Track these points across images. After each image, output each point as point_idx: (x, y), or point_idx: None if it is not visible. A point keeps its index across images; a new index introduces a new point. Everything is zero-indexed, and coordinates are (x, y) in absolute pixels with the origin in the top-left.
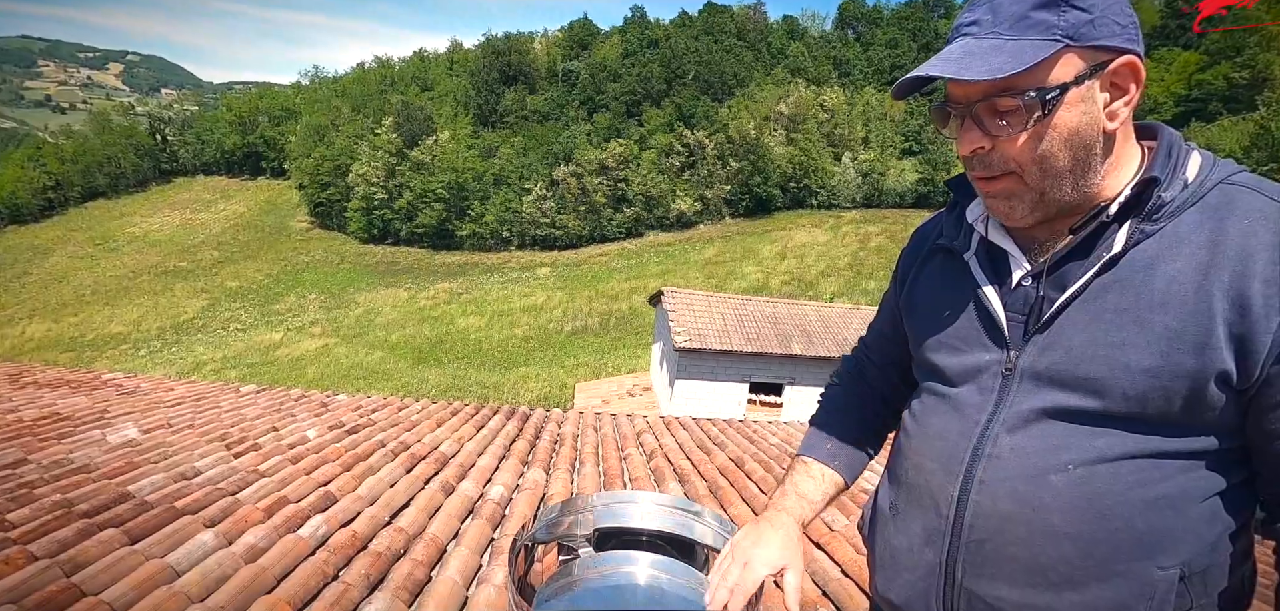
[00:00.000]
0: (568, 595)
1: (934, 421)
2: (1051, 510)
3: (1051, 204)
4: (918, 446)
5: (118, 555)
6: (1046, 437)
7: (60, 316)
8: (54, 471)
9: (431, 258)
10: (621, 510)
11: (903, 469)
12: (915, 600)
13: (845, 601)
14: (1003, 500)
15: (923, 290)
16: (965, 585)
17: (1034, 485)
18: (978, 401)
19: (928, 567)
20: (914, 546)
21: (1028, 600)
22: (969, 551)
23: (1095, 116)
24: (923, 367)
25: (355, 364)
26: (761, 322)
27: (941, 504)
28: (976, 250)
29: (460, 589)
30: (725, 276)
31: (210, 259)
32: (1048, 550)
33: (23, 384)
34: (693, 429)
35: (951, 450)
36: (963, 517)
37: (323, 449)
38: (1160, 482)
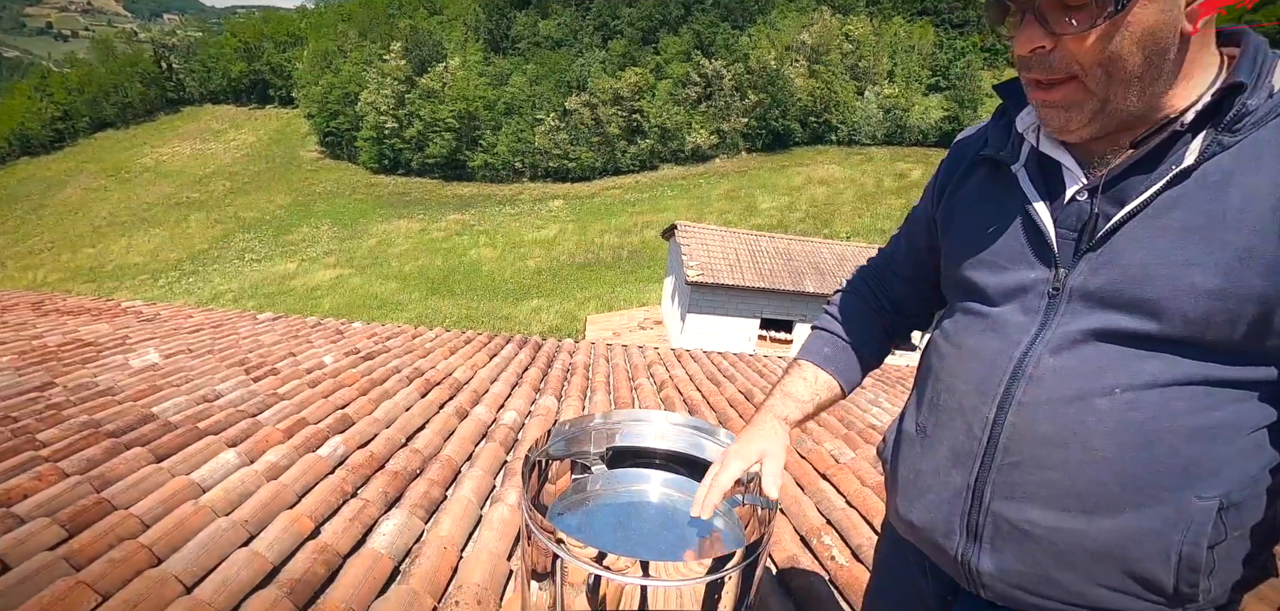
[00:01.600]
0: (581, 511)
1: (971, 341)
2: (1093, 434)
3: (1113, 114)
4: (951, 367)
5: (144, 472)
6: (1093, 360)
7: (78, 248)
8: (80, 394)
9: (443, 188)
10: (636, 429)
11: (933, 391)
12: (938, 522)
13: (850, 531)
14: (1042, 423)
15: (963, 204)
16: (993, 508)
17: (1077, 408)
18: (1020, 322)
19: (954, 489)
20: (940, 468)
21: (1058, 524)
22: (1000, 474)
23: (1175, 16)
24: (959, 287)
25: (370, 294)
26: (775, 258)
27: (975, 425)
28: (1026, 162)
29: (474, 507)
30: (740, 212)
31: (222, 189)
32: (1085, 475)
33: (46, 311)
34: (703, 361)
35: (989, 371)
36: (996, 439)
37: (339, 374)
38: (1209, 411)
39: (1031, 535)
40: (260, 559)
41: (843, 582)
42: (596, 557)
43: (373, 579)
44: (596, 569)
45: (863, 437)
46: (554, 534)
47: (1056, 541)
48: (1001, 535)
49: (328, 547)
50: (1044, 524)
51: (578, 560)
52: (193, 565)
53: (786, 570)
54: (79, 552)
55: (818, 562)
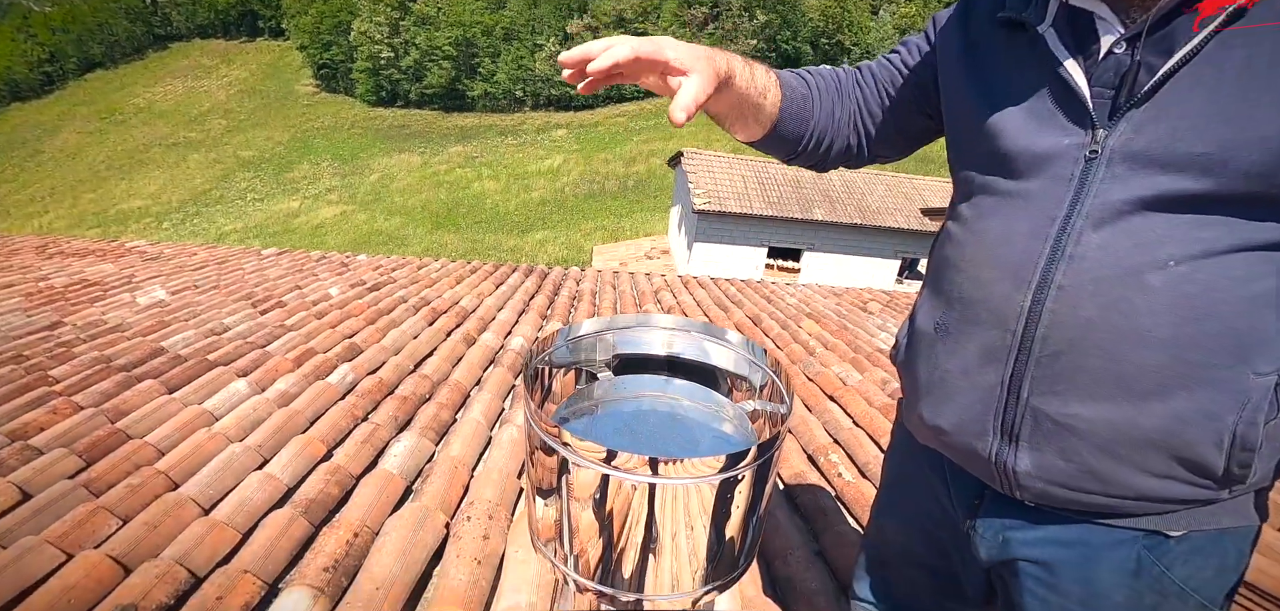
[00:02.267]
0: (587, 418)
1: (995, 224)
2: (1143, 314)
3: None
4: (973, 255)
5: (157, 403)
6: (1143, 232)
7: (79, 194)
8: (90, 331)
9: (443, 120)
10: (644, 335)
11: (953, 282)
12: (970, 424)
13: (856, 449)
14: (1085, 305)
15: (977, 71)
16: (1032, 404)
17: (1126, 287)
18: (1053, 194)
19: (986, 389)
20: (970, 366)
21: (1105, 416)
22: (1040, 367)
23: None
24: (976, 162)
25: (374, 230)
26: (783, 186)
27: (1008, 317)
28: (1055, 18)
29: (484, 429)
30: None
31: (219, 128)
32: (1135, 358)
33: (50, 254)
34: (710, 287)
35: (1021, 254)
36: (1033, 330)
37: (346, 305)
38: (1268, 277)
39: (1074, 429)
40: (275, 481)
41: (849, 498)
42: (604, 458)
43: (386, 497)
44: (603, 468)
45: (871, 361)
46: (559, 435)
47: (1101, 433)
48: (1041, 432)
49: (340, 469)
50: (1088, 416)
51: (584, 460)
52: (209, 488)
53: (794, 486)
54: (97, 480)
55: (825, 479)
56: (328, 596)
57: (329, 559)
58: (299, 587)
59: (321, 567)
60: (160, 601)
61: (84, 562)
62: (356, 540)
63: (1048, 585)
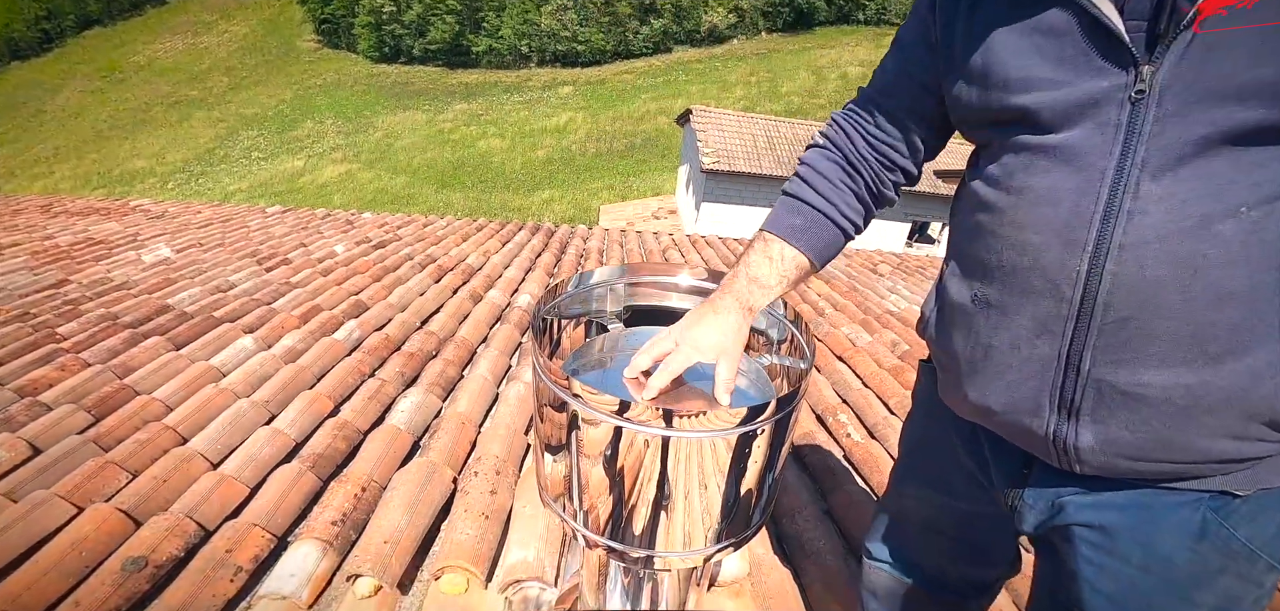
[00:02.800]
0: (598, 371)
1: (1036, 182)
2: (1217, 266)
3: None
4: (1016, 218)
5: (164, 359)
6: (1209, 177)
7: (83, 154)
8: (96, 289)
9: (447, 76)
10: (657, 288)
11: (992, 250)
12: (1022, 401)
13: (865, 410)
14: (1151, 265)
15: (988, 17)
16: (1094, 375)
17: (1196, 239)
18: (1099, 144)
19: (1041, 362)
20: (1021, 340)
21: (1179, 381)
22: (1103, 335)
23: None
24: (1001, 120)
25: (380, 189)
26: (794, 146)
27: (1063, 284)
28: None
29: (491, 386)
30: (759, 97)
31: (222, 86)
32: (1211, 317)
33: (54, 213)
34: (719, 247)
35: (1070, 215)
36: (1093, 296)
37: (352, 262)
38: None
39: (1145, 399)
40: (283, 436)
41: (857, 459)
42: (616, 410)
43: (394, 452)
44: (615, 420)
45: (880, 323)
46: (569, 386)
47: (1176, 399)
48: (1105, 404)
49: (348, 425)
50: (1161, 382)
51: (596, 412)
52: (217, 443)
53: (802, 446)
54: (107, 435)
55: (833, 440)
56: (336, 549)
57: (337, 512)
58: (308, 540)
59: (330, 521)
60: (170, 554)
61: (94, 516)
62: (364, 494)
63: (1105, 550)
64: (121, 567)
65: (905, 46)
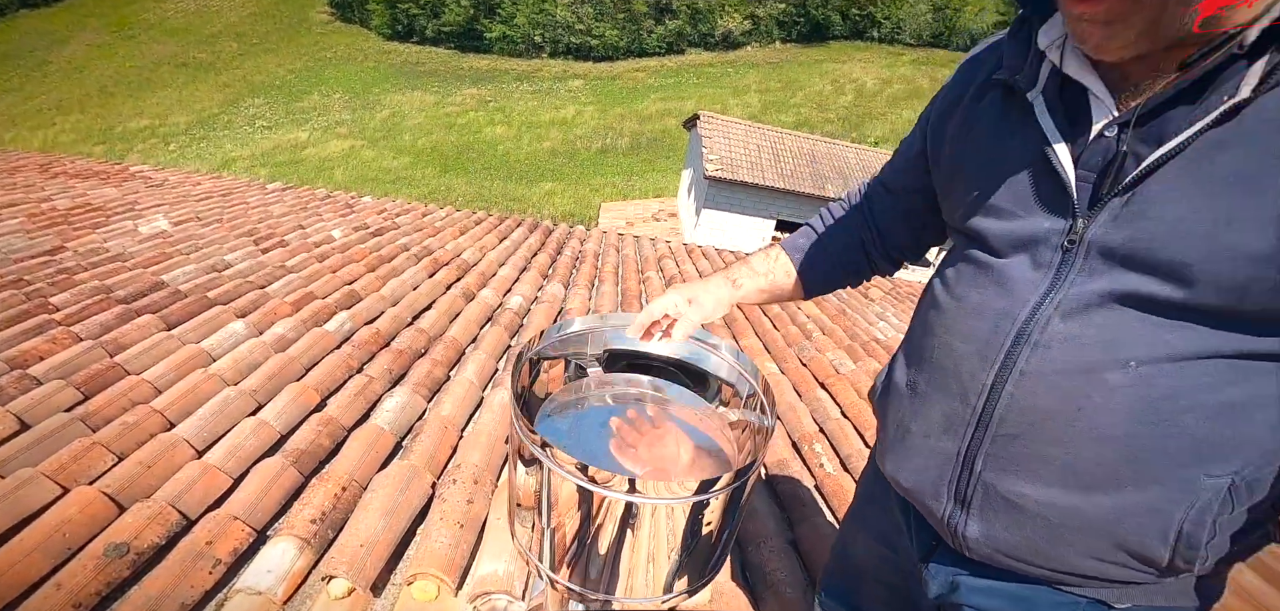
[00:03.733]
0: (573, 414)
1: (973, 295)
2: (1100, 411)
3: (1164, 33)
4: (950, 323)
5: (156, 339)
6: (1109, 328)
7: (86, 108)
8: (91, 259)
9: (458, 60)
10: (634, 333)
11: (928, 346)
12: (925, 485)
13: (841, 441)
14: (1043, 395)
15: (968, 136)
16: (984, 478)
17: (1085, 382)
18: (1030, 278)
19: (944, 456)
20: (931, 432)
21: (1052, 499)
22: (994, 445)
23: None
24: (961, 232)
25: (383, 168)
26: (798, 159)
27: (970, 391)
28: (1046, 86)
29: (476, 390)
30: (768, 106)
31: (231, 51)
32: (1087, 452)
33: (54, 173)
34: (714, 258)
35: (990, 331)
36: (992, 409)
37: (348, 248)
38: (1232, 387)
39: (1022, 508)
40: (268, 428)
41: (828, 490)
42: (581, 469)
43: (375, 453)
44: (580, 480)
45: (866, 350)
46: (541, 442)
47: (1048, 516)
48: (991, 505)
49: (333, 421)
50: (1036, 498)
51: (563, 470)
52: (203, 430)
53: (775, 474)
54: (94, 415)
55: (806, 469)
56: (313, 548)
57: (316, 511)
58: (287, 537)
59: (309, 519)
60: (152, 541)
61: (79, 497)
62: (344, 494)
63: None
64: (103, 552)
65: (902, 153)
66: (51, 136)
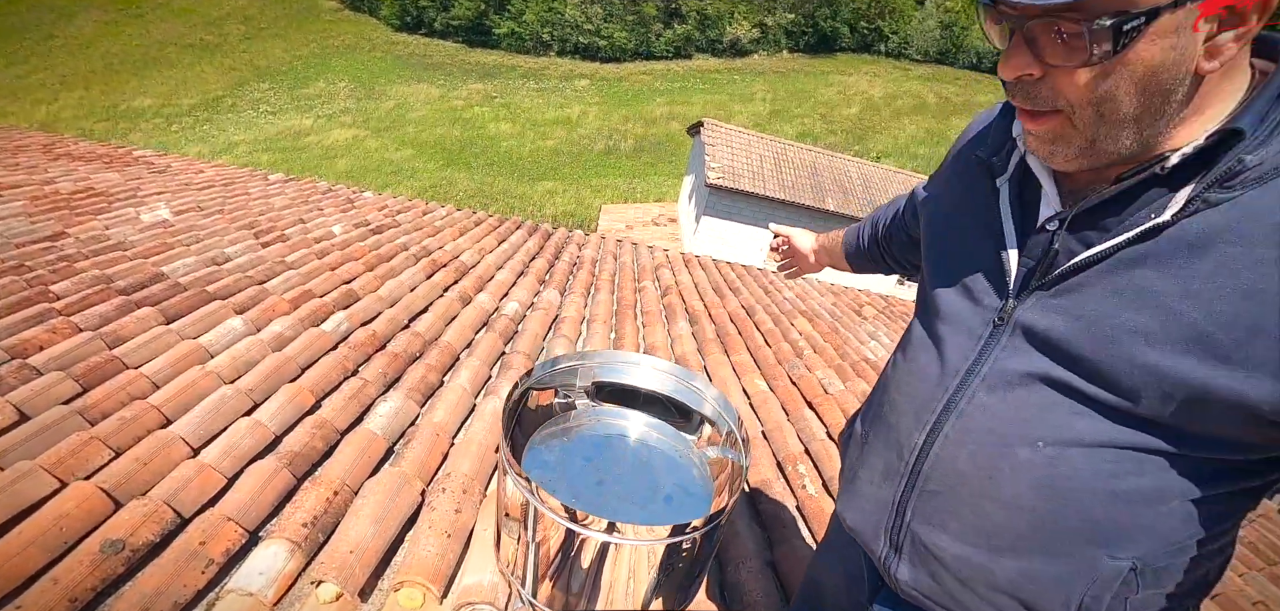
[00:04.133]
0: (560, 442)
1: (919, 359)
2: (1008, 481)
3: (1102, 154)
4: (899, 381)
5: (155, 332)
6: (1023, 407)
7: (90, 85)
8: (92, 247)
9: (466, 54)
10: (622, 368)
11: (881, 401)
12: (867, 528)
13: (825, 462)
14: (963, 460)
15: (948, 198)
16: (911, 527)
17: (996, 453)
18: (963, 348)
19: (881, 502)
20: (874, 479)
21: (965, 555)
22: (921, 498)
23: (1187, 53)
24: (924, 294)
25: (385, 159)
26: (800, 171)
27: (904, 448)
28: (1012, 173)
29: (469, 397)
30: (772, 116)
31: (238, 34)
32: (994, 517)
33: (56, 155)
34: (711, 270)
35: (926, 397)
36: (922, 465)
37: (348, 246)
38: (1135, 476)
39: (940, 559)
40: (263, 429)
41: (809, 512)
42: (565, 511)
43: (367, 458)
44: (562, 520)
45: (855, 370)
46: (528, 482)
47: (961, 570)
48: (917, 552)
49: (326, 423)
50: (951, 552)
51: (547, 509)
52: (199, 428)
53: (758, 493)
54: (92, 408)
55: (789, 490)
56: (304, 552)
57: (308, 515)
58: (278, 540)
59: (301, 522)
60: (147, 539)
61: (77, 492)
62: (336, 498)
63: None
64: (100, 548)
65: (909, 198)
66: (54, 112)
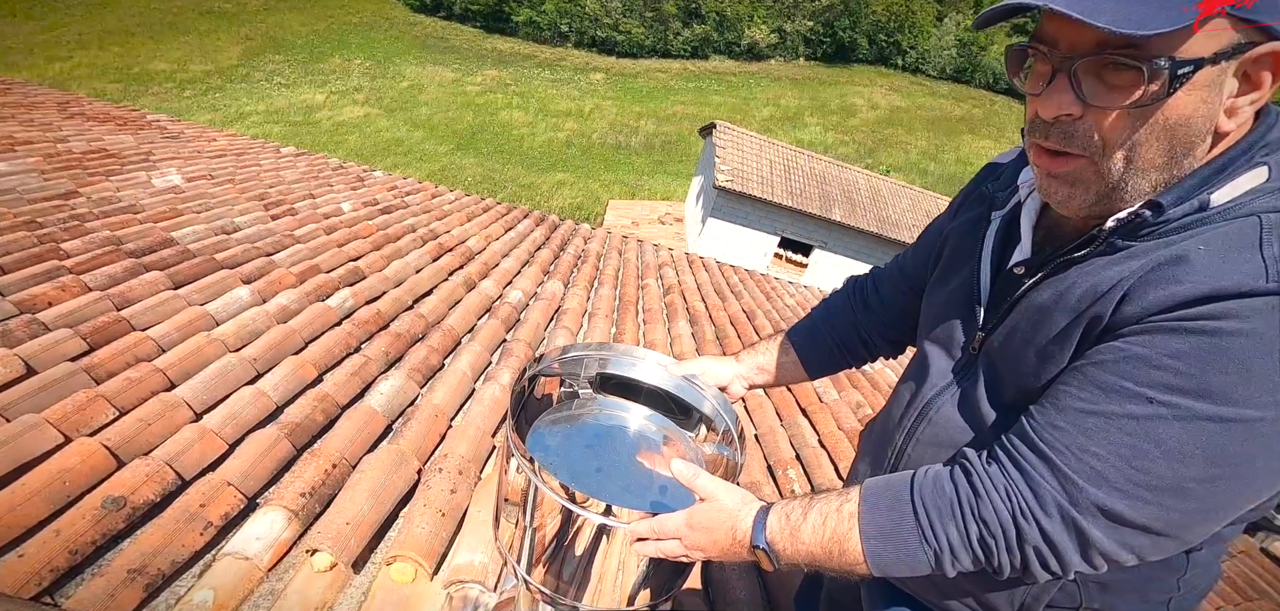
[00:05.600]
0: (563, 428)
1: (911, 374)
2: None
3: (1120, 202)
4: (897, 393)
5: (162, 297)
6: (968, 414)
7: (105, 44)
8: (103, 208)
9: (483, 40)
10: (626, 362)
11: (883, 409)
12: None
13: (815, 469)
14: (925, 458)
15: (954, 234)
16: None
17: (947, 452)
18: (942, 369)
19: None
20: (867, 474)
21: None
22: None
23: (1214, 108)
24: (924, 317)
25: (396, 139)
26: (809, 179)
27: (887, 450)
28: (1005, 215)
29: (469, 380)
30: (785, 122)
31: (256, 4)
32: None
33: (71, 114)
34: (713, 272)
35: (907, 406)
36: (898, 466)
37: (356, 223)
38: None
39: None
40: (265, 398)
41: None
42: (564, 491)
43: (366, 434)
44: (561, 498)
45: (850, 379)
46: (532, 462)
47: None
48: None
49: (327, 397)
50: None
51: (547, 489)
52: (203, 394)
53: None
54: (99, 367)
55: (779, 493)
56: (300, 520)
57: (306, 485)
58: (276, 507)
59: (299, 492)
60: (147, 498)
61: (80, 448)
62: (334, 471)
63: None
64: (101, 504)
65: (928, 231)
66: (67, 69)
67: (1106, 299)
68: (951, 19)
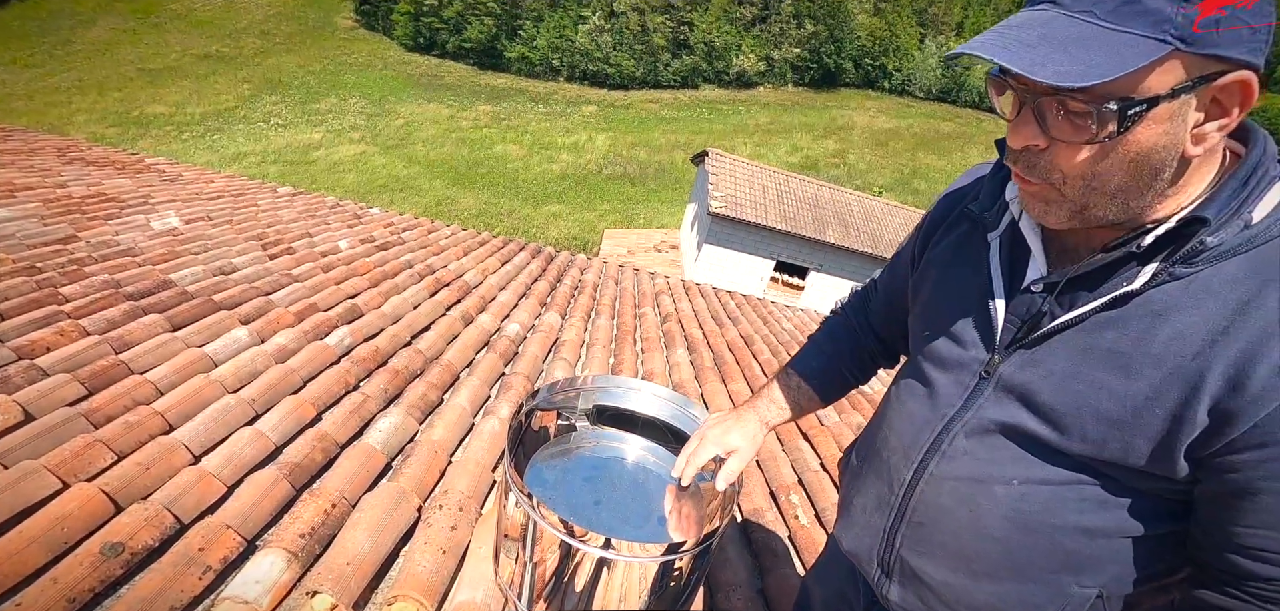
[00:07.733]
0: (560, 462)
1: (910, 402)
2: (985, 514)
3: (1091, 218)
4: (892, 420)
5: (161, 339)
6: (999, 450)
7: (104, 91)
8: (102, 252)
9: (476, 76)
10: (621, 393)
11: (876, 434)
12: (861, 552)
13: (817, 493)
14: (945, 496)
15: (939, 257)
16: (901, 553)
17: (975, 489)
18: (951, 395)
19: (874, 529)
20: (867, 507)
21: (948, 580)
22: (909, 528)
23: (1178, 138)
24: (918, 340)
25: (392, 176)
26: (802, 203)
27: (894, 482)
28: (1003, 233)
29: (468, 415)
30: (776, 147)
31: (253, 47)
32: (974, 546)
33: (70, 159)
34: (710, 298)
35: (915, 436)
36: (909, 499)
37: (353, 261)
38: (1099, 514)
39: (927, 583)
40: (264, 439)
41: (800, 542)
42: (563, 526)
43: (366, 472)
44: (560, 533)
45: (850, 403)
46: (531, 498)
47: (945, 593)
48: (905, 576)
49: (327, 436)
50: (937, 577)
51: (546, 523)
52: (201, 436)
53: (750, 522)
54: (97, 411)
55: (781, 519)
56: (300, 562)
57: (306, 526)
58: (275, 550)
59: (298, 533)
60: (146, 543)
61: (79, 493)
62: (334, 510)
63: None
64: (100, 550)
65: (897, 258)
66: (66, 115)
67: (1203, 359)
68: (934, 40)
